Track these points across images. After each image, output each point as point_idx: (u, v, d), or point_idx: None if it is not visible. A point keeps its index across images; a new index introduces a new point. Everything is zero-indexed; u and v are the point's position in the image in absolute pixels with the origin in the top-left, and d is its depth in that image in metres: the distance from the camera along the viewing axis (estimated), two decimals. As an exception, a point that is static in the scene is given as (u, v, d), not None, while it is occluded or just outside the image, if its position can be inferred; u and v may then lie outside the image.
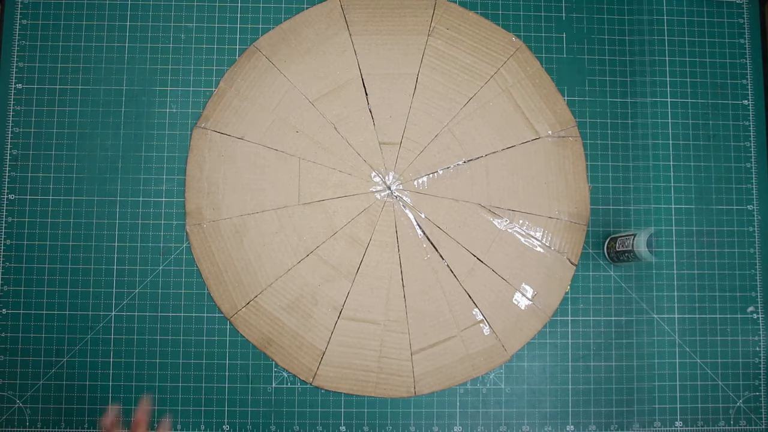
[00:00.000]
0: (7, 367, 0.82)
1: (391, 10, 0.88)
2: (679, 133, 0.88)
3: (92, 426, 0.82)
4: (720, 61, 0.89)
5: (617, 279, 0.85)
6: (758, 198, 0.87)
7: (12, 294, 0.83)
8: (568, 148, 0.86)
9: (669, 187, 0.87)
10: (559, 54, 0.89)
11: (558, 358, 0.84)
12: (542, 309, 0.84)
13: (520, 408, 0.84)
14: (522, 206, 0.85)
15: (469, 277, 0.84)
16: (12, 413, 0.82)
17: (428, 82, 0.87)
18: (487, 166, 0.86)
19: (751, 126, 0.89)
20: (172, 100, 0.86)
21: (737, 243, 0.87)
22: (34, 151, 0.85)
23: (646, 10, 0.90)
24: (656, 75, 0.89)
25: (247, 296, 0.83)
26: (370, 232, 0.85)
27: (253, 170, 0.85)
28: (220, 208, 0.84)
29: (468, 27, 0.88)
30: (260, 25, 0.88)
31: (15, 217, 0.84)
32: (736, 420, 0.84)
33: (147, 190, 0.85)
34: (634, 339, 0.85)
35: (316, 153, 0.86)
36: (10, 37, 0.87)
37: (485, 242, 0.85)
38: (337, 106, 0.86)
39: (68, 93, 0.86)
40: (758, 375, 0.85)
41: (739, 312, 0.86)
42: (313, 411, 0.83)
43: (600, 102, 0.88)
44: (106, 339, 0.83)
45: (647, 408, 0.84)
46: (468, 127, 0.86)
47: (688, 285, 0.86)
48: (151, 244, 0.84)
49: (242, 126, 0.85)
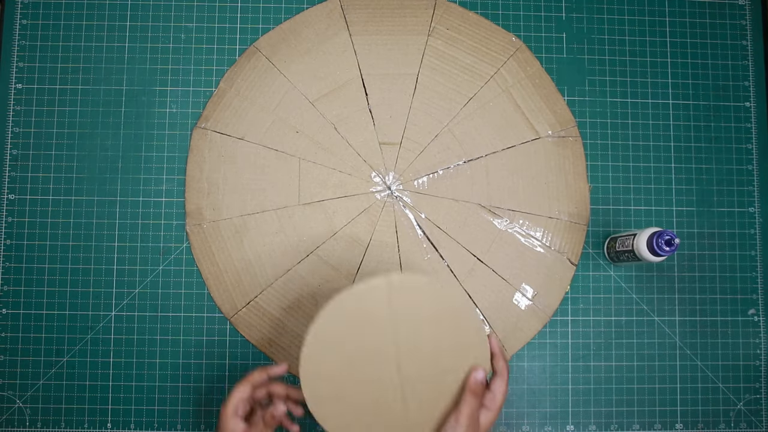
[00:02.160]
0: (7, 367, 0.82)
1: (391, 10, 0.87)
2: (680, 135, 0.88)
3: (92, 426, 0.82)
4: (722, 63, 0.89)
5: (617, 279, 0.85)
6: (760, 200, 0.87)
7: (12, 294, 0.83)
8: (568, 148, 0.86)
9: (670, 189, 0.87)
10: (559, 54, 0.88)
11: (558, 358, 0.84)
12: (542, 309, 0.84)
13: (520, 408, 0.84)
14: (522, 206, 0.85)
15: (469, 277, 0.84)
16: (12, 413, 0.82)
17: (428, 82, 0.86)
18: (487, 166, 0.86)
19: (753, 128, 0.88)
20: (172, 100, 0.86)
21: (738, 245, 0.87)
22: (34, 151, 0.85)
23: (646, 11, 0.89)
24: (657, 76, 0.88)
25: (247, 296, 0.83)
26: (370, 233, 0.85)
27: (253, 170, 0.85)
28: (220, 209, 0.84)
29: (468, 27, 0.87)
30: (260, 25, 0.88)
31: (15, 217, 0.84)
32: (737, 423, 0.84)
33: (147, 190, 0.85)
34: (635, 340, 0.85)
35: (316, 153, 0.86)
36: (10, 37, 0.87)
37: (485, 242, 0.85)
38: (337, 107, 0.86)
39: (68, 93, 0.86)
40: (759, 378, 0.85)
41: (740, 314, 0.86)
42: (312, 411, 0.83)
43: (600, 102, 0.88)
44: (106, 339, 0.83)
45: (647, 410, 0.84)
46: (468, 127, 0.86)
47: (689, 287, 0.86)
48: (151, 244, 0.84)
49: (242, 126, 0.85)
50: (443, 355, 0.64)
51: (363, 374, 0.65)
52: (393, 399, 0.65)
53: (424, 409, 0.65)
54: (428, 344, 0.64)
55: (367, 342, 0.64)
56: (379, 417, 0.65)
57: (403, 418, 0.65)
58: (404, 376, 0.64)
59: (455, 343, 0.65)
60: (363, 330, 0.64)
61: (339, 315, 0.64)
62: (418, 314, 0.64)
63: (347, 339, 0.64)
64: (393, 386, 0.65)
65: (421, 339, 0.64)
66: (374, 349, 0.64)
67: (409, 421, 0.65)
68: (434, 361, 0.64)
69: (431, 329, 0.64)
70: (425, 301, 0.64)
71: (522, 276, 0.84)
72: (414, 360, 0.64)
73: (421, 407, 0.65)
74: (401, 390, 0.65)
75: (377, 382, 0.65)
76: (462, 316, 0.64)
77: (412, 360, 0.64)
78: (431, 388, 0.65)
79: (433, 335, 0.64)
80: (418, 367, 0.64)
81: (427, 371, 0.65)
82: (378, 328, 0.64)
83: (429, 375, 0.65)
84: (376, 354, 0.64)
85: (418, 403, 0.65)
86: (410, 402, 0.65)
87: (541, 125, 0.86)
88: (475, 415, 0.64)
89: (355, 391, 0.65)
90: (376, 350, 0.64)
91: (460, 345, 0.65)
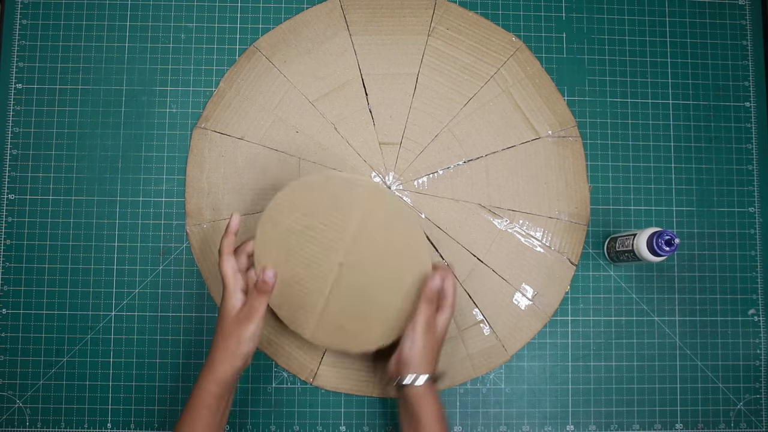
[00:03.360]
0: (7, 367, 0.82)
1: (391, 10, 0.87)
2: (680, 135, 0.88)
3: (92, 426, 0.82)
4: (722, 63, 0.89)
5: (617, 279, 0.85)
6: (760, 200, 0.87)
7: (12, 294, 0.83)
8: (568, 148, 0.86)
9: (670, 189, 0.87)
10: (559, 54, 0.88)
11: (558, 358, 0.84)
12: (542, 309, 0.84)
13: (520, 408, 0.84)
14: (522, 206, 0.85)
15: (469, 278, 0.84)
16: (12, 413, 0.82)
17: (428, 82, 0.86)
18: (487, 166, 0.86)
19: (753, 128, 0.88)
20: (172, 100, 0.86)
21: (738, 245, 0.87)
22: (34, 151, 0.85)
23: (646, 11, 0.89)
24: (657, 76, 0.88)
25: (246, 296, 0.83)
26: (370, 233, 0.85)
27: (254, 170, 0.85)
28: (220, 209, 0.84)
29: (468, 27, 0.87)
30: (260, 25, 0.88)
31: (15, 217, 0.84)
32: (737, 422, 0.84)
33: (147, 190, 0.85)
34: (635, 340, 0.85)
35: (316, 153, 0.86)
36: (10, 37, 0.87)
37: (485, 242, 0.85)
38: (337, 107, 0.86)
39: (68, 93, 0.86)
40: (759, 378, 0.85)
41: (740, 314, 0.86)
42: (313, 411, 0.83)
43: (600, 102, 0.88)
44: (106, 339, 0.83)
45: (647, 410, 0.84)
46: (468, 127, 0.86)
47: (689, 287, 0.86)
48: (151, 244, 0.84)
49: (242, 126, 0.85)
50: (385, 259, 0.73)
51: (307, 254, 0.73)
52: (320, 290, 0.74)
53: (340, 313, 0.74)
54: (375, 250, 0.73)
55: (324, 225, 0.72)
56: (303, 301, 0.74)
57: (320, 313, 0.74)
58: (341, 274, 0.73)
59: (398, 249, 0.73)
60: (326, 214, 0.72)
61: (311, 190, 0.72)
62: (378, 219, 0.72)
63: (309, 213, 0.72)
64: (327, 277, 0.73)
65: (371, 243, 0.72)
66: (327, 236, 0.72)
67: (323, 318, 0.75)
68: (375, 265, 0.73)
69: (382, 235, 0.72)
70: (387, 210, 0.72)
71: (522, 276, 0.84)
72: (356, 261, 0.73)
73: (339, 311, 0.74)
74: (330, 287, 0.73)
75: (317, 267, 0.73)
76: (407, 225, 0.72)
77: (354, 260, 0.73)
78: (357, 296, 0.74)
79: (382, 241, 0.72)
80: (357, 271, 0.73)
81: (362, 277, 0.73)
82: (339, 218, 0.72)
83: (361, 281, 0.73)
84: (326, 241, 0.72)
85: (339, 306, 0.74)
86: (332, 303, 0.74)
87: (541, 125, 0.86)
88: (430, 320, 0.71)
89: (294, 268, 0.73)
90: (328, 237, 0.72)
91: (403, 253, 0.73)
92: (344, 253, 0.72)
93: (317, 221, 0.72)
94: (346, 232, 0.72)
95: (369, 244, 0.72)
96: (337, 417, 0.83)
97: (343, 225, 0.72)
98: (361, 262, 0.73)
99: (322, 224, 0.72)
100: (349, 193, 0.71)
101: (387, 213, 0.72)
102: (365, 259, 0.73)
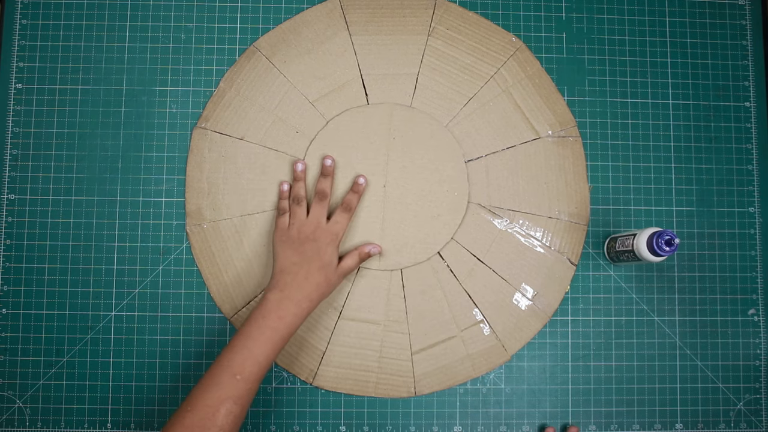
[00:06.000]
0: (7, 367, 0.82)
1: (391, 10, 0.87)
2: (680, 135, 0.88)
3: (92, 426, 0.82)
4: (722, 63, 0.89)
5: (617, 279, 0.85)
6: (760, 200, 0.87)
7: (12, 294, 0.83)
8: (568, 148, 0.86)
9: (670, 189, 0.87)
10: (559, 54, 0.88)
11: (558, 358, 0.84)
12: (542, 309, 0.84)
13: (520, 408, 0.84)
14: (522, 206, 0.85)
15: (469, 278, 0.84)
16: (12, 413, 0.82)
17: (428, 82, 0.86)
18: (487, 166, 0.86)
19: (753, 128, 0.88)
20: (172, 100, 0.86)
21: (738, 245, 0.87)
22: (34, 151, 0.85)
23: (646, 11, 0.89)
24: (657, 76, 0.88)
25: (247, 296, 0.83)
26: (370, 233, 0.85)
27: (254, 170, 0.85)
28: (220, 209, 0.84)
29: (468, 27, 0.87)
30: (260, 25, 0.88)
31: (15, 217, 0.84)
32: (737, 422, 0.84)
33: (147, 190, 0.85)
34: (635, 340, 0.85)
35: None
36: (10, 37, 0.87)
37: (485, 242, 0.85)
38: (337, 107, 0.86)
39: (68, 93, 0.86)
40: (759, 378, 0.85)
41: (740, 314, 0.86)
42: (313, 411, 0.83)
43: (600, 102, 0.88)
44: (106, 339, 0.83)
45: (647, 410, 0.84)
46: (468, 127, 0.86)
47: (689, 287, 0.86)
48: (151, 244, 0.84)
49: (242, 126, 0.85)
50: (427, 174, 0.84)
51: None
52: (375, 216, 0.83)
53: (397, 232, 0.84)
54: (414, 167, 0.84)
55: (369, 146, 0.84)
56: (362, 232, 0.84)
57: (380, 238, 0.84)
58: (386, 195, 0.84)
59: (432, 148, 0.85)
60: (361, 147, 0.84)
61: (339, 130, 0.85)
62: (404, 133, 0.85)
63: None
64: (377, 202, 0.84)
65: (405, 156, 0.84)
66: (371, 154, 0.84)
67: (384, 241, 0.84)
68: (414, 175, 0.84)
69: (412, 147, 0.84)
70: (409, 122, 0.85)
71: (522, 276, 0.84)
72: (397, 181, 0.84)
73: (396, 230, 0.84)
74: (383, 210, 0.83)
75: (366, 197, 0.84)
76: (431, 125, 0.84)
77: (395, 180, 0.84)
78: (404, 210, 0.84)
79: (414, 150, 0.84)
80: (400, 189, 0.84)
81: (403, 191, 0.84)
82: (373, 146, 0.84)
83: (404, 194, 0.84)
84: (371, 158, 0.84)
85: (394, 225, 0.84)
86: (387, 224, 0.83)
87: (541, 125, 0.86)
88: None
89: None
90: (372, 155, 0.84)
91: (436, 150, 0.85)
92: (384, 175, 0.84)
93: (355, 157, 0.84)
94: (380, 156, 0.84)
95: (403, 158, 0.84)
96: (337, 417, 0.83)
97: (377, 151, 0.84)
98: (403, 176, 0.84)
99: (361, 157, 0.84)
100: (372, 120, 0.85)
101: (410, 125, 0.84)
102: (404, 172, 0.84)
